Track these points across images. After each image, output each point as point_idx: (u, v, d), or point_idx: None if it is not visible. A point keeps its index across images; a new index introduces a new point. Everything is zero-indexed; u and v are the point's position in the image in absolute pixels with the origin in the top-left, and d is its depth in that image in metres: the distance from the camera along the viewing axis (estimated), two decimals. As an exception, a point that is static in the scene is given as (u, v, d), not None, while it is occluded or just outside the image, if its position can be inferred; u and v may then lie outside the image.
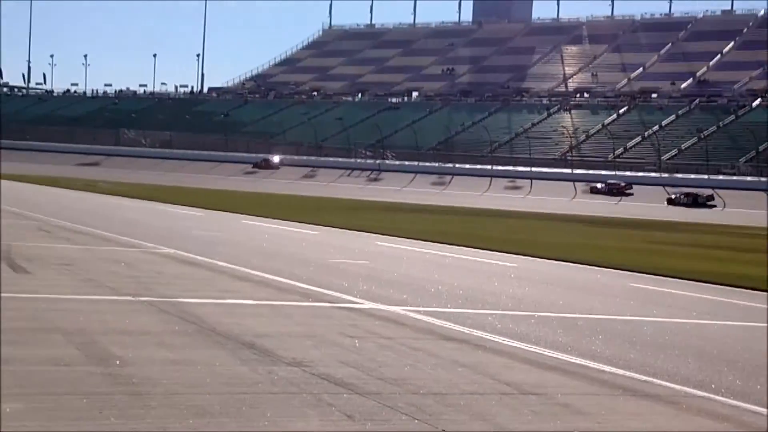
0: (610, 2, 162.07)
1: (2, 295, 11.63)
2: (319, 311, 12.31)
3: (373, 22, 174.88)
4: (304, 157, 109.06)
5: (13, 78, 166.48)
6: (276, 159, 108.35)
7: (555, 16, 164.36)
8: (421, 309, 12.98)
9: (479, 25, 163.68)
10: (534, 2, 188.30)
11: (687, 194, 77.19)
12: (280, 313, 11.89)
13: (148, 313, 11.07)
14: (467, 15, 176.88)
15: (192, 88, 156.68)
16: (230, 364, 8.33)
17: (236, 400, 6.95)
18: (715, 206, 75.66)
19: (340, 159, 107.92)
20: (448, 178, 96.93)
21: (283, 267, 17.62)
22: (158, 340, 9.26)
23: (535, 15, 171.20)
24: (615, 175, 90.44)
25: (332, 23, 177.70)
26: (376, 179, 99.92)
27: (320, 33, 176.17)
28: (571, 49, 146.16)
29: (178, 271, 16.16)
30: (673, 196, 77.83)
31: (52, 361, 7.93)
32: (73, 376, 7.45)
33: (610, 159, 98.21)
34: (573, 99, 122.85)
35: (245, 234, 28.04)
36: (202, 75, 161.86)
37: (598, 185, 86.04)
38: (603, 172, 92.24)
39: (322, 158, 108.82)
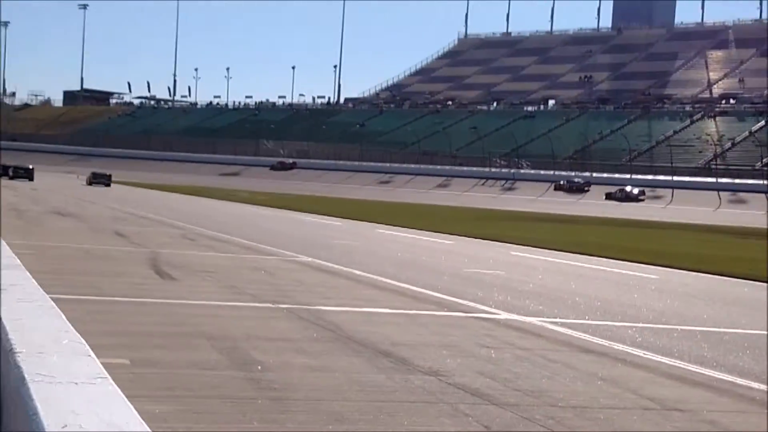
0: (758, 5, 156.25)
1: (152, 300, 12.14)
2: (454, 321, 12.30)
3: (509, 30, 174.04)
4: (438, 167, 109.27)
5: (160, 92, 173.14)
6: None
7: (699, 20, 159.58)
8: (558, 320, 12.79)
9: (619, 31, 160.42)
10: (677, 6, 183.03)
11: None
12: (415, 322, 11.94)
13: (288, 320, 11.31)
14: (606, 21, 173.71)
15: (329, 98, 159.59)
16: (367, 371, 8.41)
17: (374, 408, 7.01)
18: None
19: (474, 168, 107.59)
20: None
21: (418, 276, 17.69)
22: (297, 347, 9.44)
23: (677, 19, 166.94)
24: (763, 184, 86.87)
25: (468, 32, 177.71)
26: (510, 189, 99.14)
27: (456, 42, 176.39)
28: (716, 54, 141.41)
29: (316, 279, 16.45)
30: None
31: (197, 365, 8.20)
32: (217, 380, 7.68)
33: (757, 167, 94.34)
34: (718, 105, 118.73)
35: (381, 243, 28.30)
36: (339, 86, 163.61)
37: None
38: (750, 181, 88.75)
39: (456, 167, 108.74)
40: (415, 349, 9.73)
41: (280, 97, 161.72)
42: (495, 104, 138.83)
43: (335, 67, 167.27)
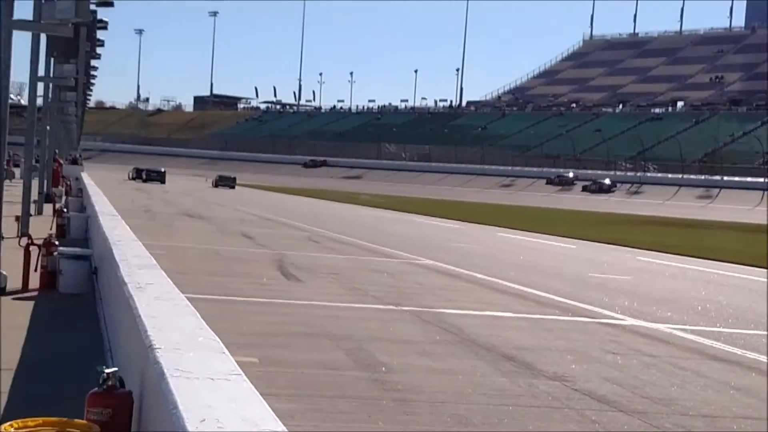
0: None
1: (278, 301, 12.42)
2: (578, 326, 12.12)
3: (636, 30, 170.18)
4: (561, 170, 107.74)
5: (286, 96, 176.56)
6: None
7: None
8: (687, 327, 12.44)
9: (752, 30, 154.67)
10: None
11: None
12: (539, 326, 11.82)
13: (411, 322, 11.38)
14: (739, 20, 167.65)
15: (451, 102, 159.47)
16: (491, 375, 8.38)
17: (498, 412, 6.98)
18: None
19: (598, 171, 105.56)
20: (715, 191, 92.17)
21: (540, 280, 17.50)
22: (420, 349, 9.48)
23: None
24: None
25: (593, 33, 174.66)
26: (636, 192, 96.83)
27: (581, 44, 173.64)
28: None
29: (437, 282, 16.47)
30: None
31: (323, 365, 8.34)
32: (343, 380, 7.80)
33: None
34: None
35: (502, 246, 28.11)
36: (461, 89, 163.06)
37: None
38: None
39: (580, 171, 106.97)
40: (539, 353, 9.64)
41: (402, 100, 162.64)
42: (621, 106, 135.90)
43: (457, 70, 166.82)
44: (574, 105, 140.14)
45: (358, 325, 10.86)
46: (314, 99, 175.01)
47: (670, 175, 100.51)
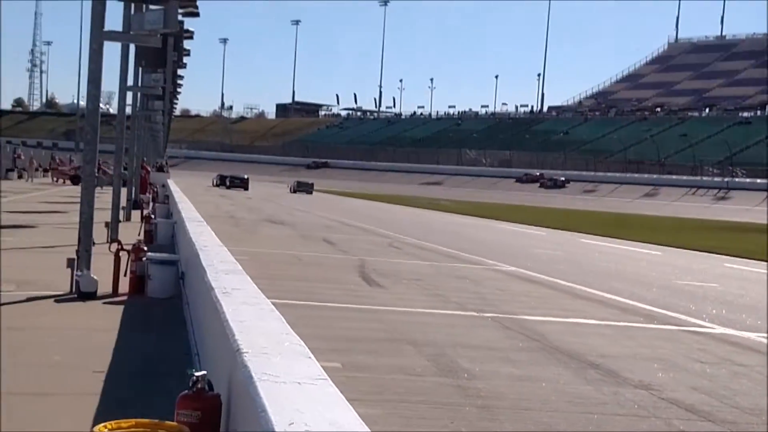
0: None
1: (360, 306, 12.49)
2: (664, 334, 11.89)
3: (724, 32, 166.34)
4: (645, 175, 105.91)
5: (366, 103, 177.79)
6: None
7: None
8: (778, 337, 12.09)
9: None
10: None
11: None
12: (624, 334, 11.64)
13: (493, 329, 11.32)
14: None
15: (532, 107, 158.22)
16: (575, 383, 8.28)
17: (582, 420, 6.90)
18: None
19: (683, 177, 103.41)
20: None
21: (624, 287, 17.22)
22: (503, 356, 9.43)
23: None
24: None
25: (678, 36, 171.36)
26: (723, 198, 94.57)
27: (665, 47, 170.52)
28: None
29: (520, 288, 16.36)
30: None
31: (405, 371, 8.35)
32: (425, 385, 7.80)
33: None
34: None
35: (584, 253, 27.75)
36: (542, 94, 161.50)
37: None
38: None
39: (665, 176, 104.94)
40: (624, 361, 9.49)
41: (482, 106, 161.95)
42: (707, 110, 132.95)
43: (539, 75, 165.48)
44: (658, 109, 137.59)
45: (440, 330, 10.85)
46: (394, 105, 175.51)
47: (758, 180, 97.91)
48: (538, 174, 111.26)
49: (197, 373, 4.16)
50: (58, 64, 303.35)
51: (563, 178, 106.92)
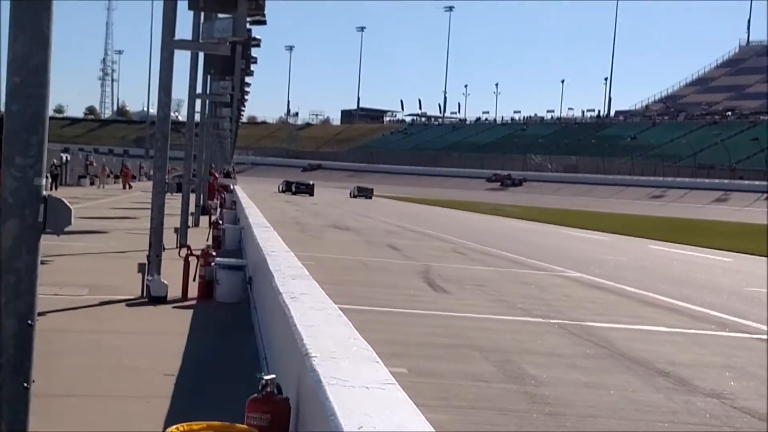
0: None
1: (426, 312, 12.49)
2: (737, 342, 11.66)
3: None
4: (716, 180, 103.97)
5: (431, 108, 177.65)
6: None
7: None
8: None
9: None
10: None
11: None
12: (694, 341, 11.44)
13: (559, 335, 11.22)
14: None
15: (598, 112, 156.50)
16: (644, 390, 8.17)
17: (652, 428, 6.80)
18: None
19: (755, 182, 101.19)
20: None
21: (695, 294, 16.93)
22: (570, 363, 9.34)
23: None
24: None
25: (750, 39, 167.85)
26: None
27: (736, 50, 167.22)
28: None
29: (586, 295, 16.19)
30: None
31: (471, 377, 8.34)
32: (492, 392, 7.77)
33: None
34: None
35: (652, 259, 27.34)
36: (609, 99, 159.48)
37: None
38: None
39: (736, 181, 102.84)
40: (695, 369, 9.33)
41: (548, 111, 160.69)
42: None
43: (605, 79, 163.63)
44: (729, 113, 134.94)
45: (505, 337, 10.80)
46: (459, 111, 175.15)
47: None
48: (505, 174, 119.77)
49: (266, 377, 4.21)
50: (129, 73, 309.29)
51: (521, 178, 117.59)
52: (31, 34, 3.31)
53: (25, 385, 3.34)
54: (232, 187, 37.77)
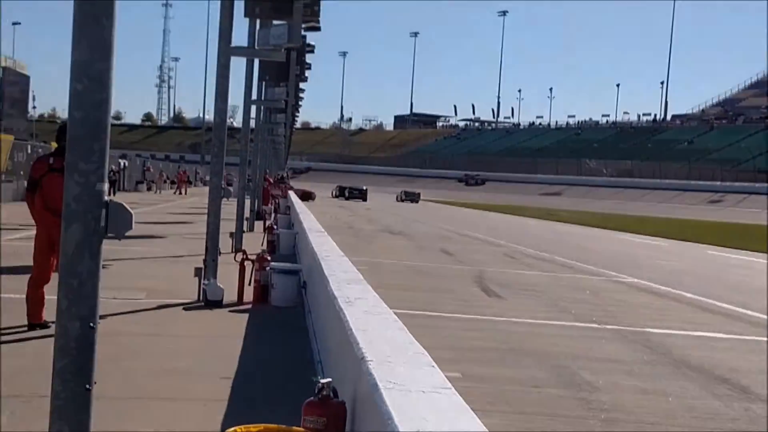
0: None
1: (479, 317, 12.45)
2: (798, 350, 11.42)
3: None
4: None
5: (484, 113, 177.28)
6: None
7: None
8: None
9: None
10: None
11: None
12: (755, 348, 11.25)
13: (615, 341, 11.11)
14: None
15: (655, 116, 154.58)
16: (703, 397, 8.06)
17: (711, 437, 6.70)
18: None
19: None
20: None
21: (754, 301, 16.63)
22: (627, 369, 9.24)
23: None
24: None
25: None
26: None
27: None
28: None
29: (642, 300, 16.00)
30: None
31: (525, 382, 8.29)
32: (546, 397, 7.72)
33: None
34: None
35: (710, 265, 26.93)
36: (666, 102, 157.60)
37: None
38: None
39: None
40: (756, 376, 9.17)
41: (603, 115, 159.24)
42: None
43: (662, 83, 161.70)
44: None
45: (560, 342, 10.72)
46: (512, 115, 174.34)
47: None
48: (475, 174, 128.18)
49: (322, 380, 4.24)
50: (185, 80, 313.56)
51: (482, 179, 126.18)
52: (93, 41, 3.37)
53: (87, 387, 3.40)
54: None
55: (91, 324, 3.41)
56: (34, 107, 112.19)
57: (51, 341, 3.42)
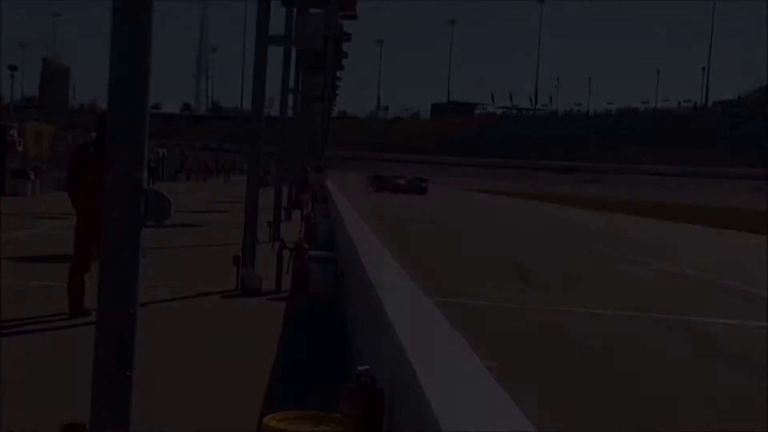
0: None
1: (519, 306, 12.37)
2: None
3: None
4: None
5: (522, 101, 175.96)
6: None
7: None
8: None
9: None
10: None
11: None
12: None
13: (662, 334, 10.99)
14: None
15: (695, 102, 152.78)
16: None
17: None
18: None
19: None
20: None
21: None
22: (674, 362, 9.14)
23: None
24: None
25: None
26: None
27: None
28: None
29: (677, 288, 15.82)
30: None
31: (567, 372, 8.22)
32: (587, 388, 7.65)
33: None
34: None
35: None
36: (707, 89, 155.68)
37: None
38: None
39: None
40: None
41: (643, 102, 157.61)
42: None
43: (703, 69, 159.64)
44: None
45: (604, 332, 10.61)
46: (550, 103, 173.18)
47: None
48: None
49: (360, 368, 4.24)
50: (222, 70, 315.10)
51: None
52: (132, 31, 3.39)
53: (128, 374, 3.43)
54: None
55: (131, 311, 3.43)
56: (74, 98, 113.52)
57: (92, 329, 3.45)
